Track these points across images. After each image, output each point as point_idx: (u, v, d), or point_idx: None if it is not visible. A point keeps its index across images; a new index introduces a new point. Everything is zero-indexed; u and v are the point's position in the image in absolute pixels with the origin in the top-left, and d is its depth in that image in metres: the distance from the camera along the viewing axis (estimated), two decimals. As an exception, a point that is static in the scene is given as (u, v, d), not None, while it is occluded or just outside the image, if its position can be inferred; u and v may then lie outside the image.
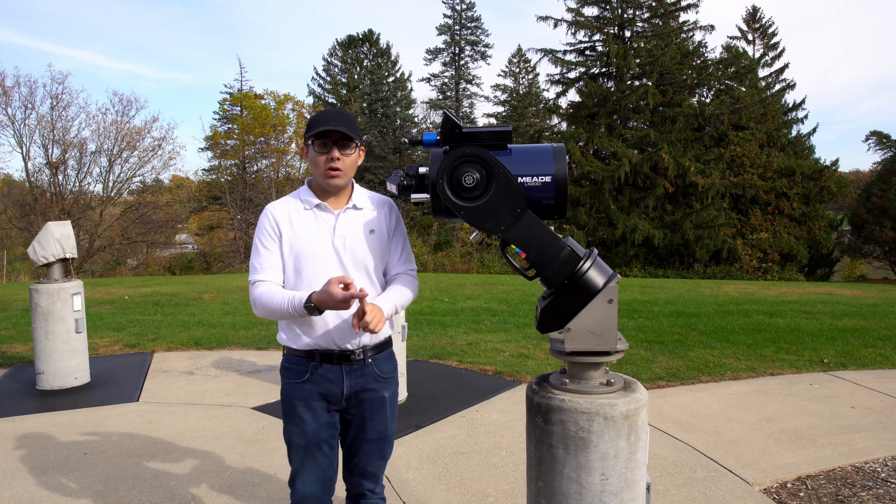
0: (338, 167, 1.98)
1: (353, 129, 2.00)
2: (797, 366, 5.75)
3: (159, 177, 29.05)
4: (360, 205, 2.10)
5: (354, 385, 2.08)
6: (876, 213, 22.07)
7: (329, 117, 1.99)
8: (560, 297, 1.58)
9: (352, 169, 2.04)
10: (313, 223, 2.05)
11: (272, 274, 2.03)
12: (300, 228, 2.04)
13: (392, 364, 2.19)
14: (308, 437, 2.06)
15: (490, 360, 5.98)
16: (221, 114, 33.76)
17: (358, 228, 2.07)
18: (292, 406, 2.07)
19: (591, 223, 23.74)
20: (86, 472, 3.54)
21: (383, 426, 2.15)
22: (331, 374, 2.05)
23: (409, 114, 35.32)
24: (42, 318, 5.16)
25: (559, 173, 1.57)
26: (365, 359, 2.08)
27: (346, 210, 2.08)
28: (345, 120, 2.00)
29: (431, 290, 11.97)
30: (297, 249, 2.03)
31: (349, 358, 2.06)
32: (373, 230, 2.09)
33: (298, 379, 2.06)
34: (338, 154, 1.98)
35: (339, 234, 2.04)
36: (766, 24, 30.50)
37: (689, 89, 25.74)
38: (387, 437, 2.18)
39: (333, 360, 2.05)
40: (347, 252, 2.04)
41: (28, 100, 23.22)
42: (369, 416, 2.12)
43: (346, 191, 2.11)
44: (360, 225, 2.07)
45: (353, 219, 2.08)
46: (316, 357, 2.05)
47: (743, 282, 16.87)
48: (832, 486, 3.35)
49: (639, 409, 1.56)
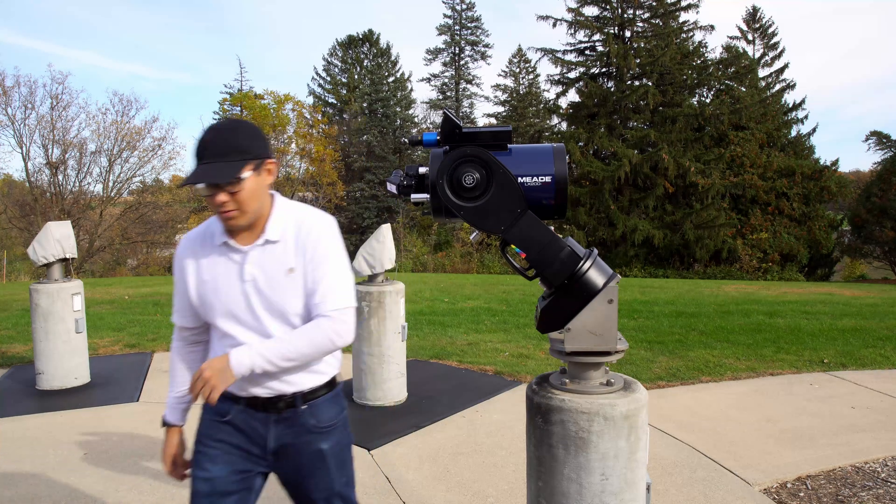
0: (229, 209, 1.62)
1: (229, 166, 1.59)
2: (797, 366, 5.75)
3: (159, 177, 29.03)
4: (274, 236, 1.69)
5: (282, 437, 1.75)
6: (876, 213, 22.06)
7: (201, 152, 1.60)
8: (560, 298, 1.58)
9: (253, 199, 1.64)
10: (220, 265, 1.72)
11: (183, 319, 1.83)
12: (205, 271, 1.73)
13: (335, 410, 1.81)
14: (214, 485, 1.73)
15: (490, 360, 5.98)
16: (221, 114, 33.77)
17: (272, 268, 1.69)
18: (204, 445, 1.76)
19: (591, 223, 23.74)
20: (86, 472, 3.54)
21: (326, 484, 1.78)
22: (255, 422, 1.74)
23: (409, 114, 35.35)
24: (42, 318, 5.16)
25: (559, 173, 1.57)
26: (296, 406, 1.74)
27: (257, 246, 1.70)
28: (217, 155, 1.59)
29: (431, 290, 11.97)
30: (203, 298, 1.73)
31: (275, 406, 1.73)
32: (292, 268, 1.69)
33: (220, 417, 1.76)
34: (223, 197, 1.60)
35: (249, 277, 1.69)
36: (766, 24, 30.51)
37: (689, 89, 25.75)
38: (336, 495, 1.81)
39: (259, 407, 1.73)
40: (260, 299, 1.69)
41: (28, 100, 23.22)
42: (307, 474, 1.77)
43: (260, 221, 1.71)
44: (275, 263, 1.69)
45: (267, 256, 1.70)
46: (241, 400, 1.74)
47: (743, 282, 16.87)
48: (832, 486, 3.35)
49: (639, 410, 1.56)
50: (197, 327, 1.84)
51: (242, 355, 1.62)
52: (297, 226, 1.72)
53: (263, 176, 1.68)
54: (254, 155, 1.63)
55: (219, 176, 1.57)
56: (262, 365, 1.63)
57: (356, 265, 4.72)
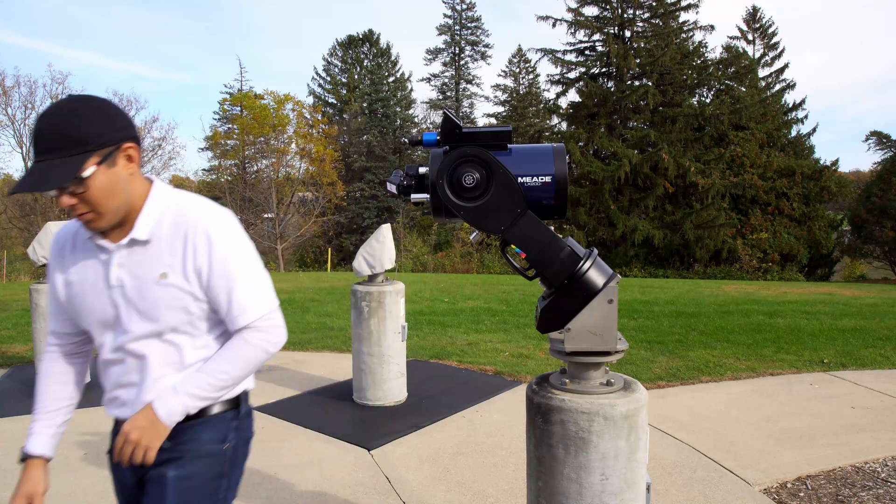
0: (81, 211, 1.34)
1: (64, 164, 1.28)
2: (797, 366, 5.75)
3: (159, 177, 29.09)
4: (142, 235, 1.40)
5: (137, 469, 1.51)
6: (876, 213, 22.07)
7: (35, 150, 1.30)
8: (560, 298, 1.58)
9: (108, 198, 1.33)
10: (89, 265, 1.45)
11: (57, 324, 1.56)
12: (73, 272, 1.46)
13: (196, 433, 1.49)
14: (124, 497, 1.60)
15: (490, 360, 5.98)
16: (221, 114, 33.81)
17: (141, 272, 1.40)
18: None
19: (591, 223, 23.75)
20: (86, 472, 3.54)
21: None
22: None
23: (409, 114, 35.37)
24: (42, 318, 5.16)
25: (559, 173, 1.57)
26: None
27: (122, 246, 1.41)
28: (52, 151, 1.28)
29: (431, 290, 11.97)
30: (71, 302, 1.48)
31: None
32: (164, 273, 1.40)
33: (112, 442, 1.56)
34: (68, 199, 1.31)
35: (116, 281, 1.41)
36: (766, 25, 30.53)
37: (689, 89, 25.76)
38: None
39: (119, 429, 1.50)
40: (129, 308, 1.41)
41: (28, 100, 23.32)
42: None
43: (132, 215, 1.41)
44: (144, 266, 1.41)
45: (135, 258, 1.41)
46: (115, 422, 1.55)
47: (743, 282, 16.87)
48: (832, 486, 3.35)
49: (639, 410, 1.56)
50: (74, 334, 1.57)
51: (170, 402, 1.39)
52: (175, 221, 1.41)
53: (120, 166, 1.35)
54: (99, 144, 1.30)
55: (50, 180, 1.26)
56: (195, 405, 1.43)
57: (356, 265, 4.72)
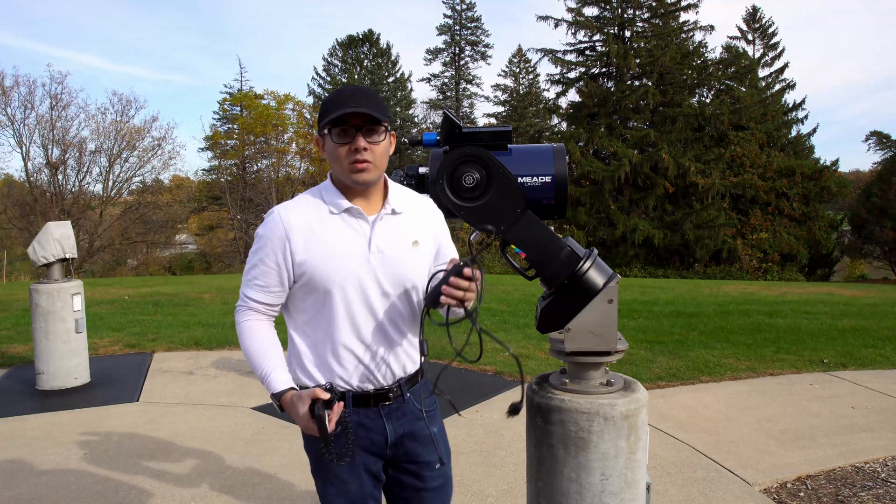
0: (365, 158, 1.53)
1: (380, 108, 1.55)
2: (797, 366, 5.75)
3: (159, 177, 29.03)
4: (399, 208, 1.64)
5: (398, 428, 1.72)
6: (876, 213, 22.07)
7: (347, 97, 1.52)
8: (560, 298, 1.58)
9: (383, 159, 1.59)
10: (345, 234, 1.60)
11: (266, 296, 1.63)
12: (327, 241, 1.58)
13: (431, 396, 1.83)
14: (352, 498, 1.69)
15: (490, 360, 5.98)
16: (221, 114, 33.81)
17: (399, 240, 1.63)
18: (328, 465, 1.66)
19: (591, 223, 23.75)
20: (86, 472, 3.54)
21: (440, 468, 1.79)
22: (368, 421, 1.67)
23: (409, 114, 35.39)
24: (42, 318, 5.16)
25: (559, 173, 1.57)
26: (403, 394, 1.72)
27: (383, 216, 1.62)
28: (368, 98, 1.53)
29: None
30: (319, 271, 1.57)
31: (387, 396, 1.69)
32: (416, 241, 1.65)
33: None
34: (363, 143, 1.52)
35: (376, 249, 1.60)
36: (765, 25, 30.54)
37: (689, 89, 25.77)
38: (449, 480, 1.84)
39: (370, 403, 1.67)
40: (386, 273, 1.61)
41: (27, 100, 23.30)
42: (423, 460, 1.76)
43: (379, 190, 1.64)
44: (401, 235, 1.64)
45: (393, 227, 1.63)
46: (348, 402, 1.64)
47: (743, 282, 16.87)
48: (832, 486, 3.35)
49: (639, 409, 1.56)
50: (277, 305, 1.67)
51: None
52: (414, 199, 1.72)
53: (390, 141, 1.64)
54: (389, 117, 1.60)
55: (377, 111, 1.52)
56: None
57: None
